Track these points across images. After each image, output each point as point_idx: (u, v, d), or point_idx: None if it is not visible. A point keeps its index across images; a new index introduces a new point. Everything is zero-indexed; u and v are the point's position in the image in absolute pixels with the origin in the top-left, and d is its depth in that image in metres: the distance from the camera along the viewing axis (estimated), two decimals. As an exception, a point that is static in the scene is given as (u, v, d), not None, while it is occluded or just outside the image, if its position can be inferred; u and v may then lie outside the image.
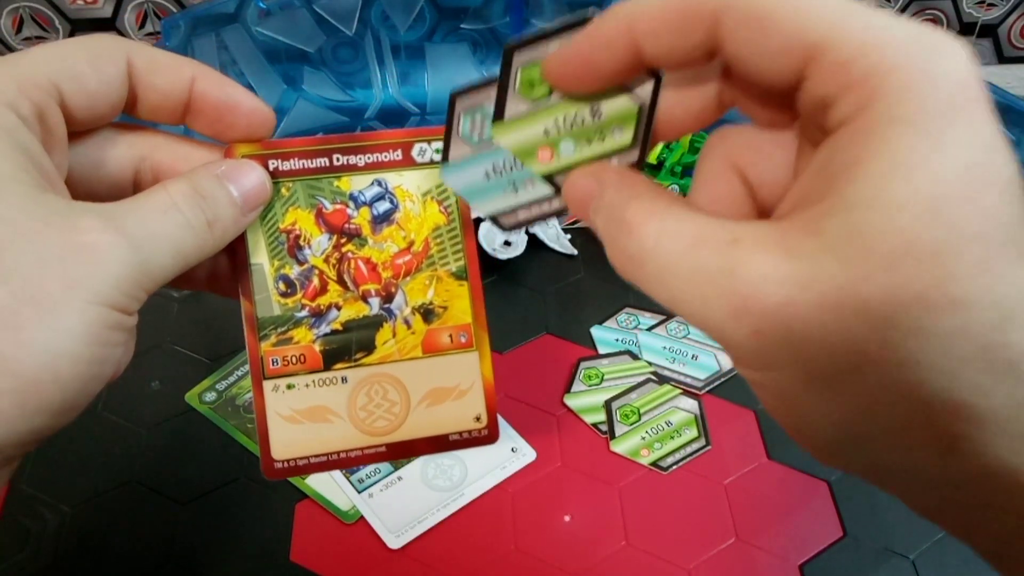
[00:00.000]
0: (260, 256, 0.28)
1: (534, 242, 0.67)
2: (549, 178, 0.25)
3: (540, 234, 0.67)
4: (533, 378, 0.58)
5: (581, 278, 0.66)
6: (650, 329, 0.61)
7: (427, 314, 0.30)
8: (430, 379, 0.30)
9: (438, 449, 0.30)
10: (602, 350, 0.60)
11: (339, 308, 0.29)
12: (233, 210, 0.26)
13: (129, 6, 0.76)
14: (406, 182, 0.29)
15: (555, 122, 0.24)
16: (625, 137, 0.24)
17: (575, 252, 0.67)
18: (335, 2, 0.67)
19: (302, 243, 0.29)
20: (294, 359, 0.29)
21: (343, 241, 0.29)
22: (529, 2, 0.70)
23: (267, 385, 0.29)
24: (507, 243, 0.64)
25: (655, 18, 0.21)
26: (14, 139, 0.22)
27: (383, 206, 0.29)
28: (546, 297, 0.64)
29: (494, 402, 0.30)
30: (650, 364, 0.59)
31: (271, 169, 0.28)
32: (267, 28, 0.67)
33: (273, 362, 0.29)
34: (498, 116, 0.24)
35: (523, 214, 0.26)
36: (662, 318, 0.62)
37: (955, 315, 0.17)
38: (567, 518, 0.50)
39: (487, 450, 0.53)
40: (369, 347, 0.29)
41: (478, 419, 0.30)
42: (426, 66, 0.73)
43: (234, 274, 0.29)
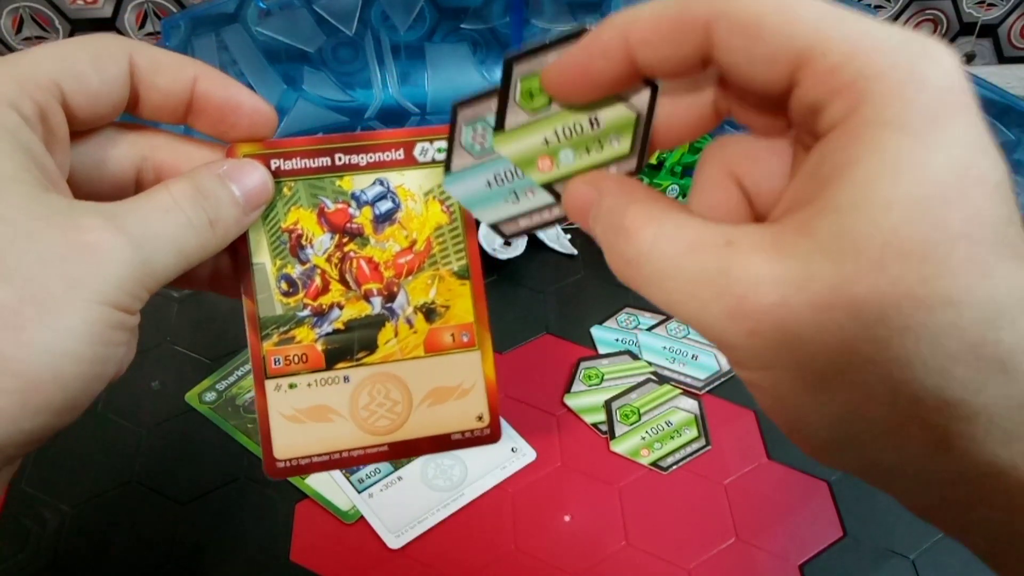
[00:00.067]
0: (262, 255, 0.28)
1: (534, 242, 0.67)
2: (549, 187, 0.26)
3: (540, 234, 0.67)
4: (533, 378, 0.58)
5: (581, 278, 0.66)
6: (650, 329, 0.61)
7: (429, 313, 0.30)
8: (432, 378, 0.30)
9: (440, 448, 0.30)
10: (602, 350, 0.60)
11: (341, 307, 0.29)
12: (235, 209, 0.26)
13: (129, 6, 0.76)
14: (408, 181, 0.29)
15: (555, 132, 0.25)
16: (623, 146, 0.25)
17: (575, 252, 0.67)
18: (335, 2, 0.67)
19: (304, 242, 0.29)
20: (296, 358, 0.29)
21: (345, 240, 0.29)
22: (529, 2, 0.70)
23: (269, 384, 0.29)
24: (507, 243, 0.64)
25: (649, 28, 0.21)
26: (16, 139, 0.22)
27: (385, 205, 0.29)
28: (546, 297, 0.64)
29: (496, 401, 0.30)
30: (650, 364, 0.59)
31: (273, 168, 0.28)
32: (267, 28, 0.67)
33: (275, 361, 0.29)
34: (499, 126, 0.25)
35: (524, 222, 0.26)
36: (662, 318, 0.62)
37: (944, 313, 0.17)
38: (567, 518, 0.50)
39: (487, 450, 0.53)
40: (371, 346, 0.29)
41: (480, 418, 0.30)
42: (426, 66, 0.73)
43: (236, 273, 0.29)
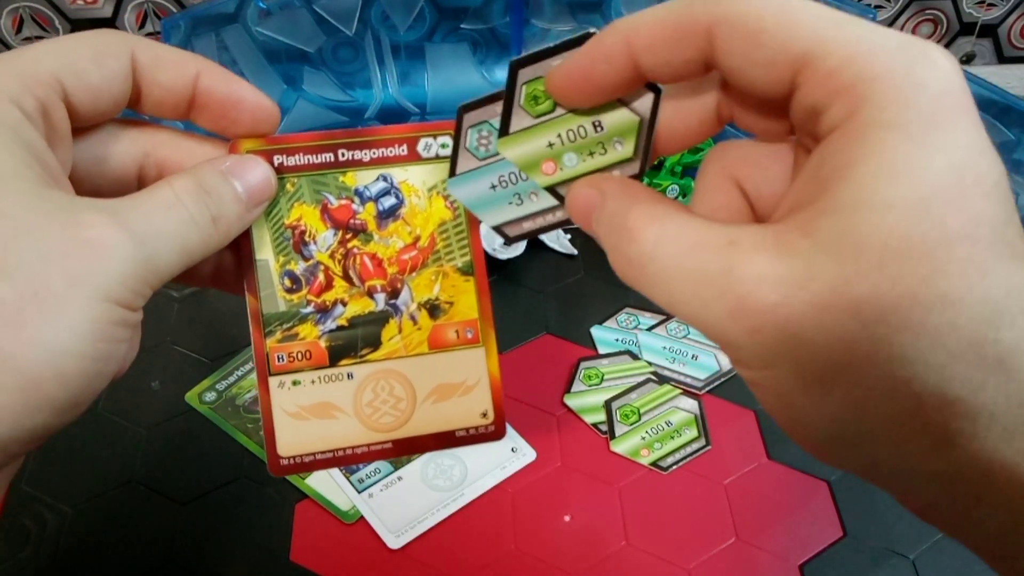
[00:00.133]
0: (265, 252, 0.28)
1: (534, 242, 0.67)
2: (553, 190, 0.26)
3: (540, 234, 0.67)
4: (533, 378, 0.58)
5: (581, 278, 0.66)
6: (650, 329, 0.61)
7: (433, 310, 0.30)
8: (436, 375, 0.30)
9: (445, 445, 0.30)
10: (602, 350, 0.60)
11: (345, 304, 0.29)
12: (238, 206, 0.26)
13: (129, 6, 0.76)
14: (411, 177, 0.29)
15: (558, 135, 0.25)
16: (626, 149, 0.25)
17: (575, 252, 0.67)
18: (335, 2, 0.67)
19: (307, 239, 0.29)
20: (300, 355, 0.29)
21: (349, 237, 0.29)
22: (529, 2, 0.70)
23: (273, 381, 0.29)
24: (507, 243, 0.64)
25: (652, 33, 0.22)
26: (17, 135, 0.22)
27: (389, 201, 0.29)
28: (546, 297, 0.64)
29: (501, 398, 0.30)
30: (650, 364, 0.59)
31: (276, 165, 0.28)
32: (267, 28, 0.67)
33: (279, 358, 0.29)
34: (503, 130, 0.25)
35: (527, 224, 0.26)
36: (662, 318, 0.62)
37: (944, 311, 0.17)
38: (567, 518, 0.50)
39: (487, 450, 0.53)
40: (375, 343, 0.29)
41: (485, 415, 0.30)
42: (426, 66, 0.73)
43: (239, 270, 0.29)
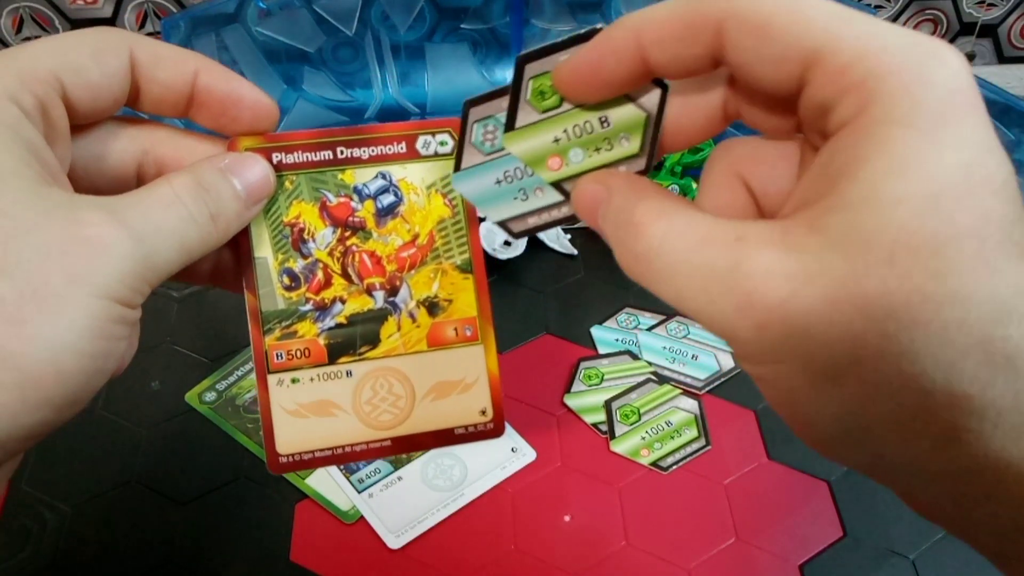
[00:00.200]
0: (264, 250, 0.28)
1: (534, 242, 0.67)
2: (559, 185, 0.26)
3: (540, 234, 0.67)
4: (533, 378, 0.58)
5: (581, 278, 0.66)
6: (650, 329, 0.61)
7: (432, 307, 0.30)
8: (435, 373, 0.30)
9: (444, 443, 0.30)
10: (602, 350, 0.60)
11: (344, 302, 0.29)
12: (237, 203, 0.26)
13: (129, 6, 0.76)
14: (410, 175, 0.29)
15: (565, 131, 0.25)
16: (633, 145, 0.25)
17: (575, 252, 0.67)
18: (335, 2, 0.67)
19: (306, 236, 0.29)
20: (299, 353, 0.29)
21: (348, 234, 0.29)
22: (529, 2, 0.70)
23: (272, 379, 0.29)
24: (507, 243, 0.64)
25: (661, 28, 0.21)
26: (16, 132, 0.22)
27: (387, 199, 0.29)
28: (546, 297, 0.64)
29: (500, 395, 0.30)
30: (650, 364, 0.59)
31: (275, 162, 0.28)
32: (267, 28, 0.67)
33: (277, 356, 0.29)
34: (509, 125, 0.25)
35: (532, 220, 0.26)
36: (662, 318, 0.62)
37: (953, 308, 0.17)
38: (567, 518, 0.50)
39: (487, 450, 0.53)
40: (374, 341, 0.29)
41: (483, 412, 0.30)
42: (426, 66, 0.73)
43: (238, 268, 0.29)
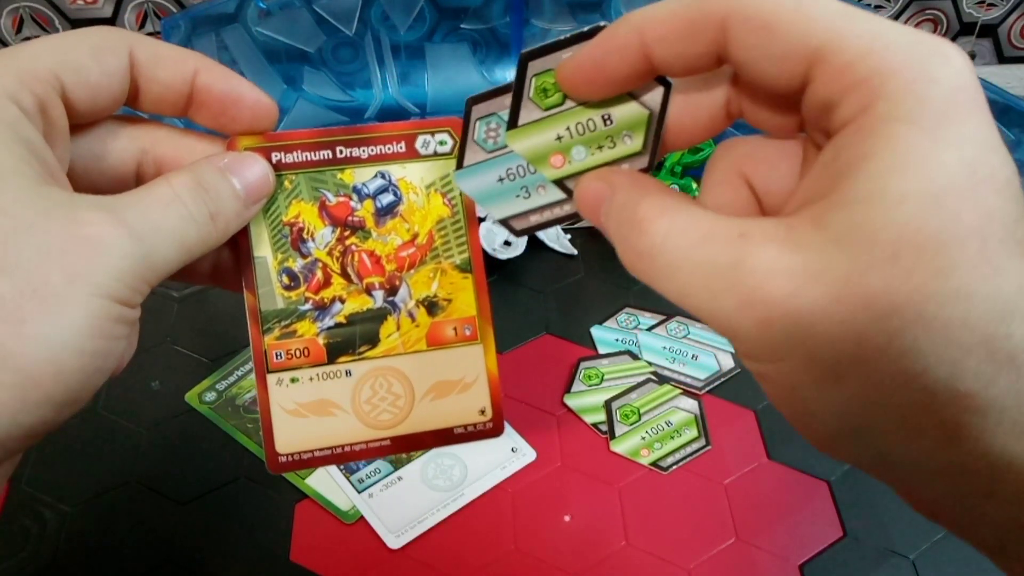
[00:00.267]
0: (263, 249, 0.28)
1: (534, 242, 0.67)
2: (561, 183, 0.26)
3: (540, 233, 0.67)
4: (533, 378, 0.58)
5: (581, 278, 0.66)
6: (650, 329, 0.61)
7: (431, 307, 0.30)
8: (435, 372, 0.30)
9: (443, 442, 0.30)
10: (602, 350, 0.60)
11: (343, 301, 0.29)
12: (236, 203, 0.26)
13: (129, 6, 0.76)
14: (410, 174, 0.29)
15: (567, 128, 0.25)
16: (635, 143, 0.25)
17: (575, 252, 0.67)
18: (335, 2, 0.67)
19: (306, 236, 0.29)
20: (298, 352, 0.29)
21: (347, 234, 0.29)
22: (529, 2, 0.70)
23: (271, 379, 0.29)
24: (507, 243, 0.64)
25: (665, 25, 0.21)
26: (16, 131, 0.22)
27: (387, 198, 0.29)
28: (546, 297, 0.64)
29: (499, 395, 0.30)
30: (650, 364, 0.59)
31: (274, 162, 0.28)
32: (267, 28, 0.67)
33: (277, 356, 0.29)
34: (512, 122, 0.25)
35: (535, 218, 0.26)
36: (662, 318, 0.62)
37: (956, 306, 0.17)
38: (567, 518, 0.50)
39: (487, 450, 0.53)
40: (373, 340, 0.29)
41: (483, 412, 0.30)
42: (426, 66, 0.73)
43: (237, 267, 0.29)
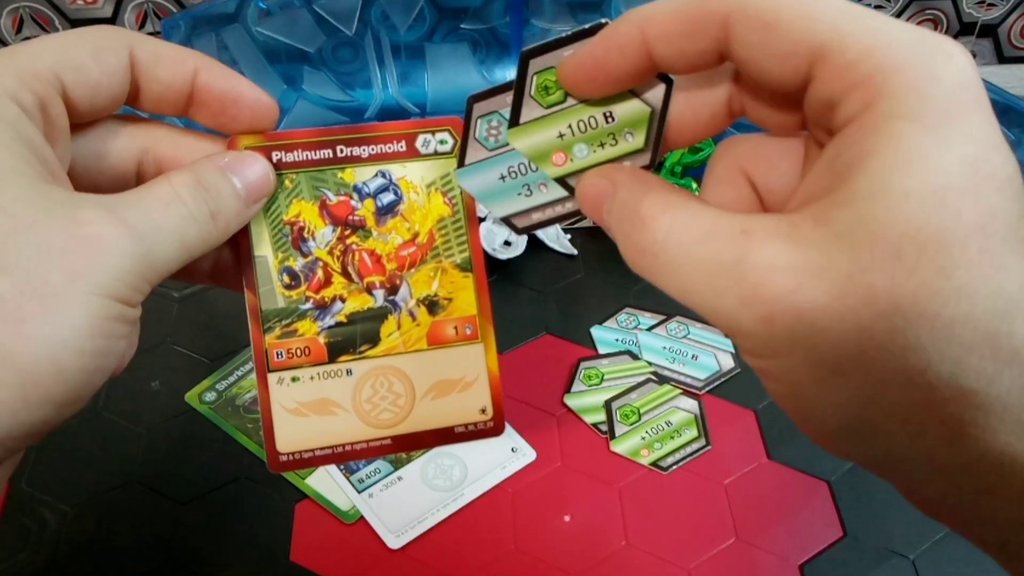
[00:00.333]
0: (264, 248, 0.28)
1: (534, 242, 0.67)
2: (563, 180, 0.26)
3: (540, 234, 0.67)
4: (533, 378, 0.58)
5: (581, 278, 0.65)
6: (650, 329, 0.61)
7: (432, 306, 0.30)
8: (435, 371, 0.30)
9: (444, 441, 0.30)
10: (602, 350, 0.60)
11: (344, 300, 0.29)
12: (236, 202, 0.26)
13: (129, 6, 0.76)
14: (410, 173, 0.29)
15: (569, 126, 0.25)
16: (637, 140, 0.25)
17: (575, 252, 0.67)
18: (335, 2, 0.67)
19: (306, 235, 0.29)
20: (299, 352, 0.29)
21: (347, 233, 0.29)
22: (529, 2, 0.70)
23: (272, 378, 0.29)
24: (507, 243, 0.64)
25: (667, 22, 0.21)
26: (16, 131, 0.22)
27: (387, 197, 0.29)
28: (546, 297, 0.64)
29: (500, 394, 0.30)
30: (650, 364, 0.59)
31: (274, 161, 0.28)
32: (267, 28, 0.67)
33: (277, 355, 0.29)
34: (514, 120, 0.25)
35: (537, 216, 0.26)
36: (662, 318, 0.62)
37: (959, 303, 0.17)
38: (567, 518, 0.50)
39: (487, 450, 0.53)
40: (374, 339, 0.29)
41: (484, 411, 0.30)
42: (426, 66, 0.73)
43: (238, 266, 0.29)
